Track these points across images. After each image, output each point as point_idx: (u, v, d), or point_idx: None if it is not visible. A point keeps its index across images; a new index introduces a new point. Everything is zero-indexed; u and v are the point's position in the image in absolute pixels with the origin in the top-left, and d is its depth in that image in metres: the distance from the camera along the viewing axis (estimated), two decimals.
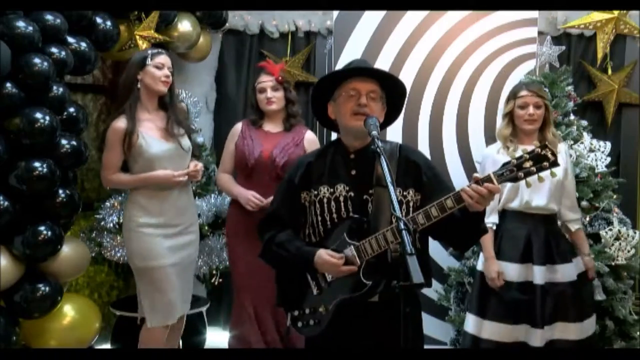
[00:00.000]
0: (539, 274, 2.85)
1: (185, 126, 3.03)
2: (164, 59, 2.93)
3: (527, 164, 1.77)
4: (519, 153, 1.80)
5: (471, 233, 1.99)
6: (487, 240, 2.91)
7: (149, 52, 2.93)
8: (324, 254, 1.96)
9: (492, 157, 2.95)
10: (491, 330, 2.91)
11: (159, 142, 2.89)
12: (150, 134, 2.88)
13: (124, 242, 3.05)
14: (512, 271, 2.90)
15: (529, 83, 3.14)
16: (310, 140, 3.21)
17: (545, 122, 2.95)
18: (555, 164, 1.75)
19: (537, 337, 2.83)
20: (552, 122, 3.00)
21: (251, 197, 3.07)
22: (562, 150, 2.98)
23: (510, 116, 2.99)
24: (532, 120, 2.90)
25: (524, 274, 2.89)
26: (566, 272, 2.90)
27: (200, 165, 3.01)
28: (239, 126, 3.28)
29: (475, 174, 1.85)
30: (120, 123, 2.86)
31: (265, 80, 3.20)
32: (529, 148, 1.79)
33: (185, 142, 2.97)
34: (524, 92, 2.95)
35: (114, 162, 2.89)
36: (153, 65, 2.89)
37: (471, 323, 2.99)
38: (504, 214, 3.02)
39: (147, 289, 2.91)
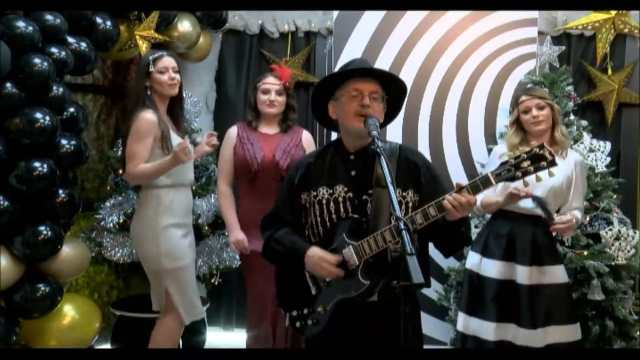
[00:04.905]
0: (522, 274, 2.83)
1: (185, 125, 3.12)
2: (166, 61, 2.91)
3: (525, 164, 1.77)
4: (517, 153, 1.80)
5: (454, 240, 2.00)
6: None
7: (150, 58, 2.90)
8: (318, 250, 1.96)
9: (501, 154, 2.88)
10: (474, 328, 2.92)
11: (177, 140, 2.91)
12: (171, 132, 2.92)
13: (144, 245, 2.90)
14: (494, 268, 2.88)
15: (528, 88, 3.07)
16: (308, 139, 3.19)
17: (553, 122, 2.91)
18: (553, 163, 1.75)
19: (525, 338, 2.81)
20: (560, 122, 2.94)
21: (240, 242, 3.01)
22: (571, 158, 2.91)
23: (517, 124, 2.96)
24: (538, 121, 2.86)
25: (506, 273, 2.86)
26: (555, 274, 2.85)
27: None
28: (234, 131, 3.17)
29: (458, 182, 1.86)
30: (151, 115, 2.81)
31: (272, 82, 3.13)
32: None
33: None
34: (523, 97, 2.93)
35: (141, 153, 2.79)
36: (157, 72, 2.88)
37: (460, 320, 3.01)
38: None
39: (176, 289, 2.90)
